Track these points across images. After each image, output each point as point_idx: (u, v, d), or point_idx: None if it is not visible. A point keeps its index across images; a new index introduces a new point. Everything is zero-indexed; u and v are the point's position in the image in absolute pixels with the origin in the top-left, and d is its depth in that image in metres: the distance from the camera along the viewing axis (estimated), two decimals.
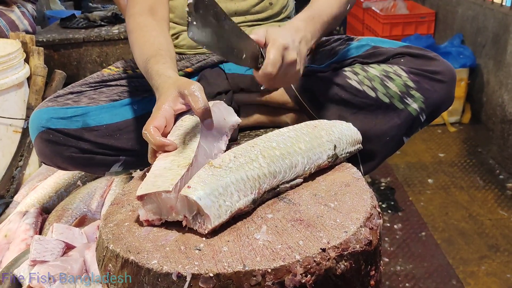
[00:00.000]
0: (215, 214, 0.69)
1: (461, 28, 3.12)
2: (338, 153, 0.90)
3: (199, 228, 0.71)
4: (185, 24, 1.31)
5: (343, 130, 0.95)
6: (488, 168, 2.50)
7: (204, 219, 0.70)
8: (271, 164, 0.78)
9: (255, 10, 1.30)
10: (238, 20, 1.29)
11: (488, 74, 2.80)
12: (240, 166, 0.76)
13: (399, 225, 2.06)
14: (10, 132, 1.97)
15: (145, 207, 0.74)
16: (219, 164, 0.75)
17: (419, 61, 1.16)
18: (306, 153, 0.84)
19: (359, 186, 0.80)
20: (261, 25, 1.32)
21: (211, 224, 0.69)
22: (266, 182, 0.77)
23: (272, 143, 0.82)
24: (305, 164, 0.83)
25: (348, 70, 1.19)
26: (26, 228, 1.48)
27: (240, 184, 0.73)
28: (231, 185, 0.72)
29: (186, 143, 0.82)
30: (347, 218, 0.71)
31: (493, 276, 1.75)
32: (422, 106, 1.15)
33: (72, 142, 1.14)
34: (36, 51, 2.12)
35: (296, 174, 0.82)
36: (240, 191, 0.73)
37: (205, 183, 0.71)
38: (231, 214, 0.72)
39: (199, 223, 0.71)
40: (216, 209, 0.70)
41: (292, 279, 0.62)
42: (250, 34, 0.93)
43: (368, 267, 0.69)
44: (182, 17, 1.31)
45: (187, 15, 0.77)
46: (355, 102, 1.16)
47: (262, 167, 0.77)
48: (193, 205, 0.70)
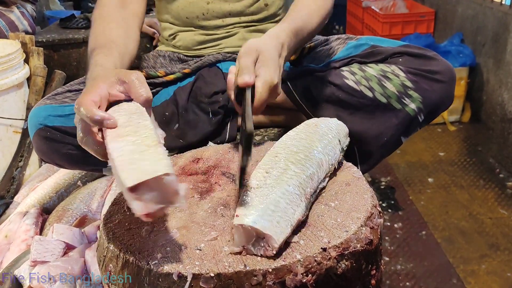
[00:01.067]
0: (276, 232, 0.65)
1: (461, 27, 3.11)
2: (343, 146, 0.92)
3: (265, 252, 0.66)
4: (182, 25, 1.31)
5: (338, 126, 0.96)
6: (488, 167, 2.50)
7: (268, 241, 0.65)
8: (303, 169, 0.77)
9: (250, 11, 1.30)
10: (232, 21, 1.29)
11: (488, 73, 2.79)
12: (278, 178, 0.74)
13: (399, 224, 2.06)
14: (10, 133, 1.96)
15: (143, 198, 0.62)
16: (256, 184, 0.73)
17: (417, 61, 1.15)
18: (324, 150, 0.84)
19: (359, 185, 0.80)
20: (256, 26, 1.32)
21: (277, 243, 0.65)
22: (309, 186, 0.75)
23: (292, 148, 0.82)
24: (327, 161, 0.83)
25: (346, 70, 1.18)
26: (26, 229, 1.48)
27: (287, 196, 0.71)
28: (280, 199, 0.70)
29: (134, 123, 0.73)
30: (348, 217, 0.71)
31: (493, 275, 1.75)
32: (420, 106, 1.14)
33: (69, 139, 1.15)
34: (36, 51, 2.12)
35: (325, 172, 0.82)
36: (291, 203, 0.70)
37: (253, 206, 0.68)
38: (292, 227, 0.68)
39: (262, 247, 0.66)
40: (275, 226, 0.66)
41: (293, 278, 0.62)
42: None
43: (369, 266, 0.69)
44: (178, 18, 1.31)
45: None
46: (352, 102, 1.16)
47: (298, 173, 0.75)
48: (250, 232, 0.66)
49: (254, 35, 1.31)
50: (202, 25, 1.30)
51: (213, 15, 1.28)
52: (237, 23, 1.30)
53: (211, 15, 1.28)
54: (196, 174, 0.90)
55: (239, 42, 1.31)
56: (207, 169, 0.92)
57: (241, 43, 1.28)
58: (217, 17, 1.29)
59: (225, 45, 1.32)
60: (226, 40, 1.32)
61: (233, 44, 1.32)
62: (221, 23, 1.29)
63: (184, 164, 0.95)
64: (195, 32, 1.31)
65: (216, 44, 1.32)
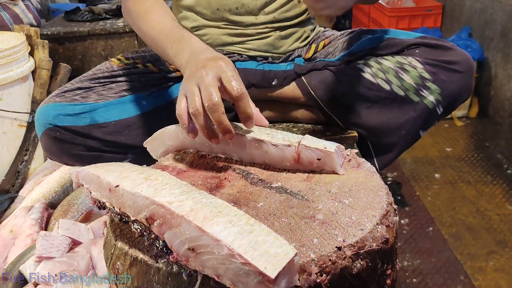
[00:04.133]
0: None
1: (469, 21, 3.08)
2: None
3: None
4: (210, 18, 1.22)
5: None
6: (495, 162, 2.47)
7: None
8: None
9: (284, 9, 1.23)
10: (265, 20, 1.22)
11: (496, 67, 2.76)
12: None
13: (406, 220, 2.04)
14: (15, 126, 1.95)
15: (282, 283, 0.55)
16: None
17: (435, 52, 1.13)
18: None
19: (374, 182, 0.78)
20: (288, 28, 1.25)
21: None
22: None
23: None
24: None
25: (361, 63, 1.16)
26: (31, 224, 1.47)
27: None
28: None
29: (206, 203, 0.64)
30: (363, 215, 0.69)
31: (501, 271, 1.74)
32: (438, 98, 1.12)
33: (80, 140, 1.13)
34: (41, 44, 2.10)
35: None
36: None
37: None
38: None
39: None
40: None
41: (307, 278, 0.60)
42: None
43: (385, 266, 0.67)
44: (207, 7, 1.22)
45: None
46: (369, 96, 1.14)
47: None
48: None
49: (282, 42, 1.25)
50: (234, 20, 1.22)
51: (247, 11, 1.21)
52: (269, 22, 1.22)
53: (245, 10, 1.20)
54: (205, 170, 0.89)
55: (266, 46, 1.25)
56: (216, 165, 0.91)
57: (267, 47, 1.24)
58: (250, 14, 1.21)
59: (251, 46, 1.25)
60: (254, 41, 1.24)
61: (260, 47, 1.25)
62: (254, 21, 1.22)
63: (192, 159, 0.93)
64: (224, 30, 1.23)
65: (243, 43, 1.25)
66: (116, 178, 0.71)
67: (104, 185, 0.72)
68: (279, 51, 1.26)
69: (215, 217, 0.60)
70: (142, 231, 0.69)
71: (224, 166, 0.89)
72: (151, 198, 0.64)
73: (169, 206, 0.62)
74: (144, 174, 0.71)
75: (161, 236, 0.63)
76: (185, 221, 0.60)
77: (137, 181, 0.69)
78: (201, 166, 0.90)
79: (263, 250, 0.55)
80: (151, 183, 0.68)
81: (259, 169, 0.87)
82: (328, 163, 0.81)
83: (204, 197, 0.65)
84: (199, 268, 0.59)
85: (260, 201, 0.76)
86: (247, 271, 0.55)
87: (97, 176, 0.74)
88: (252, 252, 0.55)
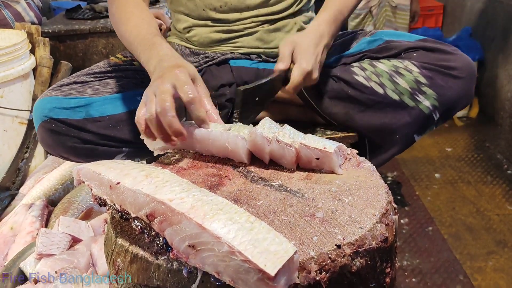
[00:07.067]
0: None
1: (470, 21, 3.08)
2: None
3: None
4: (198, 18, 1.27)
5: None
6: (496, 163, 2.48)
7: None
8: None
9: (268, 3, 1.25)
10: (250, 15, 1.24)
11: (497, 68, 2.77)
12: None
13: (405, 219, 2.04)
14: (15, 124, 1.95)
15: (282, 281, 0.56)
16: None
17: (433, 55, 1.11)
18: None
19: (374, 181, 0.78)
20: (274, 22, 1.26)
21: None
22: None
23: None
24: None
25: (356, 66, 1.15)
26: (32, 221, 1.47)
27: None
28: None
29: (207, 200, 0.65)
30: (363, 213, 0.69)
31: (500, 271, 1.74)
32: (435, 104, 1.10)
33: (75, 132, 1.13)
34: (42, 41, 2.10)
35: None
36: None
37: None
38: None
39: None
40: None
41: (306, 276, 0.60)
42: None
43: (384, 264, 0.68)
44: (194, 9, 1.26)
45: (235, 108, 0.98)
46: (362, 99, 1.13)
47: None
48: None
49: (272, 35, 1.27)
50: (219, 18, 1.25)
51: (231, 8, 1.24)
52: (255, 16, 1.25)
53: (229, 7, 1.24)
54: (206, 168, 0.89)
55: (256, 42, 1.27)
56: (216, 162, 0.91)
57: (257, 43, 1.25)
58: (234, 10, 1.24)
59: (241, 43, 1.28)
60: (243, 38, 1.27)
61: (250, 43, 1.27)
62: (239, 16, 1.24)
63: (193, 158, 0.94)
64: (211, 28, 1.27)
65: (233, 42, 1.28)
66: (117, 175, 0.72)
67: (105, 182, 0.73)
68: (271, 45, 1.27)
69: (216, 215, 0.60)
70: (142, 228, 0.69)
71: (225, 164, 0.90)
72: (151, 195, 0.65)
73: (169, 204, 0.63)
74: (145, 172, 0.72)
75: (162, 233, 0.64)
76: (185, 218, 0.61)
77: (138, 179, 0.69)
78: (201, 164, 0.91)
79: (263, 247, 0.56)
80: (152, 181, 0.68)
81: (259, 168, 0.87)
82: (327, 163, 0.81)
83: (204, 195, 0.65)
84: (199, 265, 0.60)
85: (260, 199, 0.76)
86: (247, 269, 0.55)
87: (98, 173, 0.75)
88: (252, 249, 0.55)
